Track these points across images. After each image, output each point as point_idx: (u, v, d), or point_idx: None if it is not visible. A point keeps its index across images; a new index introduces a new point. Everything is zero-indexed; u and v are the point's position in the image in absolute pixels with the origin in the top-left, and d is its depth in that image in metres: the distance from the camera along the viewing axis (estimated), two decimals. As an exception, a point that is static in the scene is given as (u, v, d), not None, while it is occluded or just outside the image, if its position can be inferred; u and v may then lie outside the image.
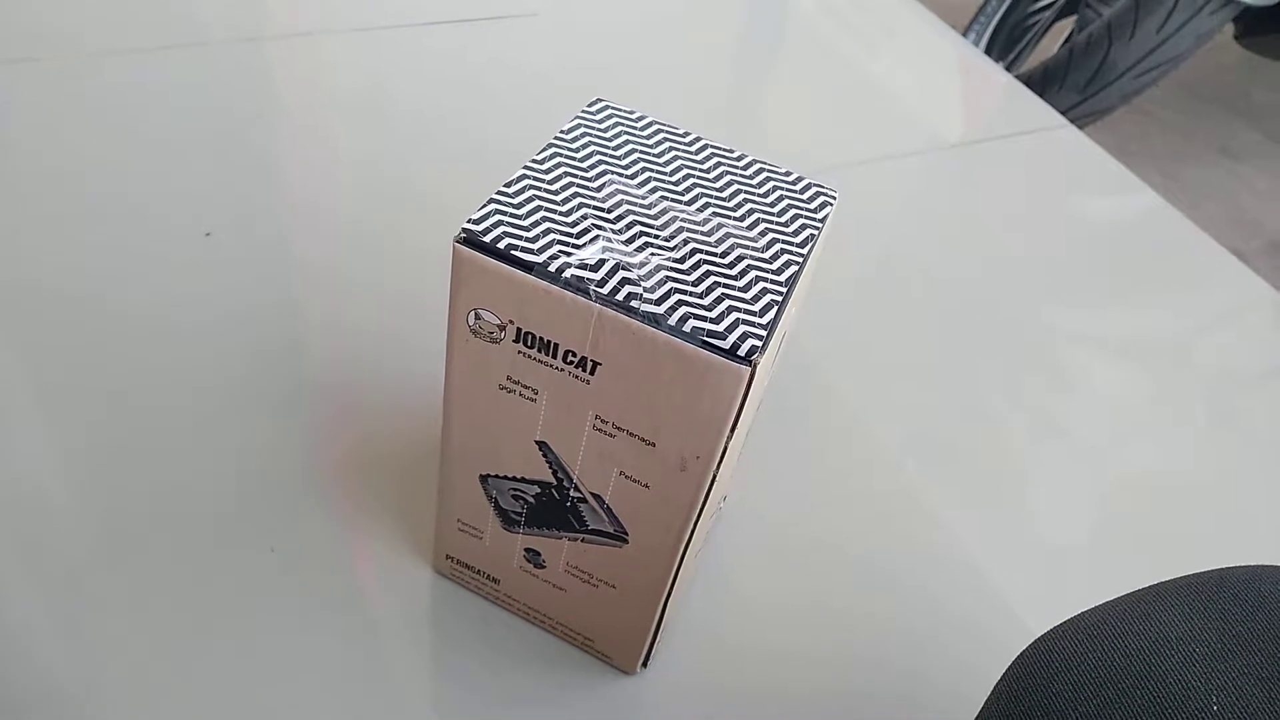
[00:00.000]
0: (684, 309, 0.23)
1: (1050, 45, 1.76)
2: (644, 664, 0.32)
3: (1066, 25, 1.74)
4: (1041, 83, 1.38)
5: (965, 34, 1.67)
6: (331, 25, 0.60)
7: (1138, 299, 0.53)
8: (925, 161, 0.60)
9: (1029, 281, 0.52)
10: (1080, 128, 1.40)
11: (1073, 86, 1.33)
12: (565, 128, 0.28)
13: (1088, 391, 0.47)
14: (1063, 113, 1.37)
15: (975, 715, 0.32)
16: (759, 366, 0.23)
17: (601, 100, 0.30)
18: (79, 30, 0.55)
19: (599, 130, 0.29)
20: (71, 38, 0.55)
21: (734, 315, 0.23)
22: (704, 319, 0.23)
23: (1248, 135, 1.84)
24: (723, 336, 0.23)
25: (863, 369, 0.45)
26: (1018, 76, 1.49)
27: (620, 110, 0.30)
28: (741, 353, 0.23)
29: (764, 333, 0.23)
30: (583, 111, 0.29)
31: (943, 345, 0.47)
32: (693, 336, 0.23)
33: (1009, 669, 0.24)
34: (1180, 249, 0.57)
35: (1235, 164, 1.76)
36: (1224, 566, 0.23)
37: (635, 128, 0.29)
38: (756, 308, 0.24)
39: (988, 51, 1.67)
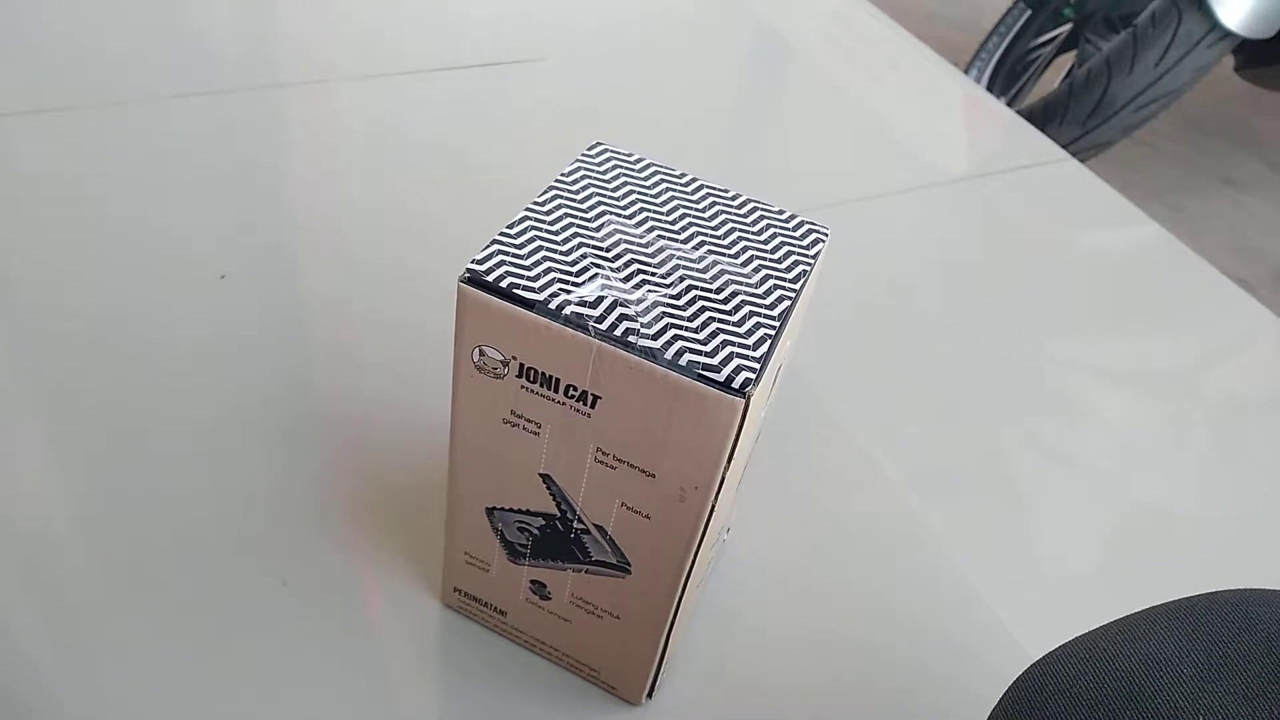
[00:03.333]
0: (680, 343, 0.24)
1: (1052, 80, 1.78)
2: (649, 694, 0.33)
3: (1068, 60, 1.76)
4: (1043, 117, 1.40)
5: (967, 70, 1.69)
6: (345, 73, 0.62)
7: (1141, 330, 0.53)
8: (929, 196, 0.61)
9: (1032, 314, 0.53)
10: (1082, 161, 1.41)
11: (1074, 120, 1.35)
12: (565, 170, 0.29)
13: (1090, 423, 0.47)
14: (1064, 146, 1.39)
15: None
16: (753, 398, 0.24)
17: (601, 144, 0.31)
18: (99, 81, 0.57)
19: (598, 172, 0.30)
20: (92, 88, 0.56)
21: (728, 349, 0.24)
22: (699, 353, 0.24)
23: (1250, 165, 1.85)
24: (717, 369, 0.24)
25: (866, 402, 0.46)
26: (1019, 111, 1.51)
27: (619, 153, 0.31)
28: (736, 385, 0.23)
29: (757, 365, 0.24)
30: (583, 155, 0.30)
31: (946, 377, 0.48)
32: (689, 370, 0.24)
33: (1005, 693, 0.24)
34: (1183, 279, 0.58)
35: (1238, 194, 1.76)
36: (1215, 590, 0.23)
37: (633, 169, 0.30)
38: (750, 341, 0.24)
39: (989, 87, 1.69)
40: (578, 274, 0.26)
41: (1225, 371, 0.52)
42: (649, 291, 0.25)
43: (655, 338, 0.24)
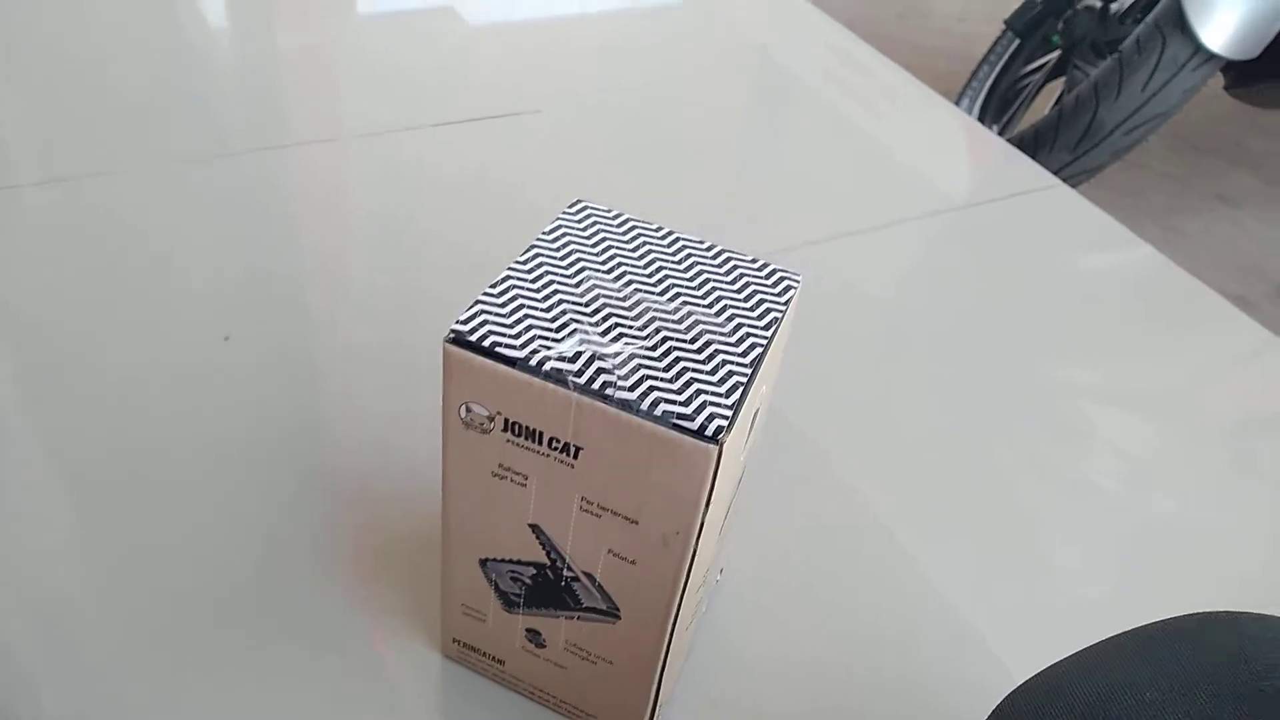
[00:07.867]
0: (655, 394, 0.25)
1: (1044, 106, 1.80)
2: (647, 737, 0.33)
3: (1059, 86, 1.78)
4: (1034, 144, 1.42)
5: (959, 100, 1.71)
6: (345, 131, 0.64)
7: (1136, 352, 0.54)
8: (923, 227, 0.62)
9: (1027, 340, 0.54)
10: (1074, 186, 1.43)
11: (1064, 146, 1.36)
12: (547, 229, 0.31)
13: (1086, 446, 0.48)
14: (1055, 172, 1.40)
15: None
16: (726, 444, 0.24)
17: (581, 201, 0.32)
18: (112, 150, 0.59)
19: (578, 229, 0.31)
20: (103, 157, 0.58)
21: (702, 398, 0.25)
22: (674, 402, 0.25)
23: (1245, 181, 1.87)
24: (691, 418, 0.25)
25: (859, 433, 0.47)
26: (1010, 140, 1.52)
27: (598, 210, 0.32)
28: (709, 432, 0.24)
29: (730, 413, 0.25)
30: (563, 213, 0.32)
31: (941, 405, 0.49)
32: (664, 419, 0.25)
33: (986, 724, 0.25)
34: (1178, 299, 0.58)
35: (1234, 211, 1.77)
36: (1182, 614, 0.24)
37: (612, 225, 0.31)
38: (723, 389, 0.25)
39: (982, 117, 1.71)
40: (557, 330, 0.27)
41: (1224, 390, 0.52)
42: (626, 344, 0.26)
43: (632, 389, 0.25)
